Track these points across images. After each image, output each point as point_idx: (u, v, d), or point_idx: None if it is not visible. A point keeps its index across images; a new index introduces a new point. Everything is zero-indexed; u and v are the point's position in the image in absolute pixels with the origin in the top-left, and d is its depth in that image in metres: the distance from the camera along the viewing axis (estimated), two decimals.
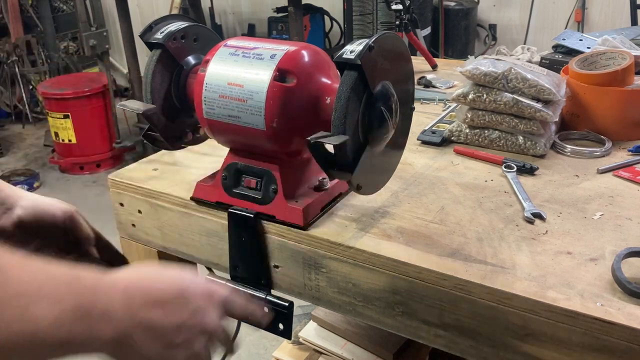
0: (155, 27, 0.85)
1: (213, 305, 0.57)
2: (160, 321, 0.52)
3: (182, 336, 0.53)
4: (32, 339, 0.44)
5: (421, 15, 3.52)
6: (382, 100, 0.69)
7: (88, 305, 0.48)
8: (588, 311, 0.59)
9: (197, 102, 0.79)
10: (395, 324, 0.73)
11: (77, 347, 0.48)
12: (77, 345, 0.47)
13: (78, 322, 0.47)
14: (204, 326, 0.55)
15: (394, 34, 0.73)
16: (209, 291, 0.56)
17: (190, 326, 0.54)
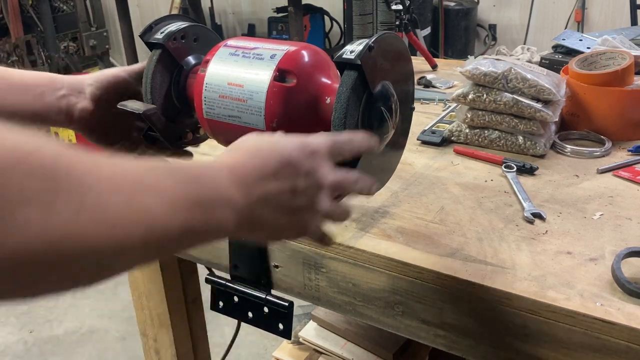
0: (155, 27, 0.85)
1: (321, 161, 0.55)
2: (277, 191, 0.51)
3: (302, 199, 0.53)
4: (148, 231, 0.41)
5: (421, 15, 3.52)
6: (382, 100, 0.69)
7: (198, 193, 0.46)
8: (588, 311, 0.59)
9: (197, 102, 0.79)
10: (395, 324, 0.74)
11: (199, 235, 0.46)
12: (199, 234, 0.46)
13: (193, 209, 0.45)
14: (319, 183, 0.54)
15: (394, 34, 0.73)
16: (311, 149, 0.55)
17: (307, 187, 0.53)
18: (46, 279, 0.37)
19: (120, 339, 2.22)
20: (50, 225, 0.35)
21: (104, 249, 0.38)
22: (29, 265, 0.35)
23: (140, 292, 1.07)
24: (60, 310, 2.38)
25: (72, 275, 0.39)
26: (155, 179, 0.43)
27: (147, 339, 1.13)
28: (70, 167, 0.38)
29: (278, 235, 0.55)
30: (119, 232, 0.39)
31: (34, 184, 0.35)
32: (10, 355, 2.15)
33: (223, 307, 0.86)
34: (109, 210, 0.39)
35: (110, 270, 0.41)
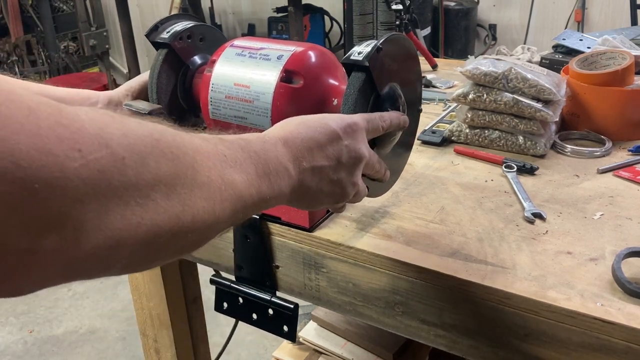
0: (161, 26, 0.85)
1: (360, 136, 0.61)
2: (322, 162, 0.57)
3: (344, 170, 0.59)
4: (236, 202, 0.47)
5: (421, 15, 3.52)
6: (389, 102, 0.69)
7: (264, 165, 0.51)
8: (588, 311, 0.59)
9: (203, 103, 0.79)
10: (395, 324, 0.74)
11: (266, 203, 0.51)
12: (267, 201, 0.51)
13: (262, 179, 0.50)
14: (357, 157, 0.60)
15: (402, 35, 0.72)
16: (352, 125, 0.60)
17: (348, 160, 0.59)
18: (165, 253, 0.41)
19: (120, 339, 2.22)
20: (174, 202, 0.39)
21: (208, 220, 0.43)
22: (157, 242, 0.39)
23: (141, 292, 1.07)
24: (60, 310, 2.37)
25: (182, 246, 0.43)
26: (235, 153, 0.48)
27: (147, 339, 1.13)
28: (187, 147, 0.42)
29: (319, 203, 0.60)
30: (218, 207, 0.44)
31: (165, 167, 0.39)
32: (10, 355, 2.15)
33: (227, 308, 0.86)
34: (211, 187, 0.43)
35: (207, 239, 0.46)
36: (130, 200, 0.36)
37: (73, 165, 0.32)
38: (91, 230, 0.34)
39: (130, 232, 0.36)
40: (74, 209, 0.33)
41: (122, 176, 0.35)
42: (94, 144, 0.34)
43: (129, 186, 0.36)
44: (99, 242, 0.35)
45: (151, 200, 0.38)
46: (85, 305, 2.40)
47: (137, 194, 0.37)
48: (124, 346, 2.18)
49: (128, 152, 0.36)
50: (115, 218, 0.35)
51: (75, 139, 0.33)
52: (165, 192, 0.39)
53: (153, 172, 0.38)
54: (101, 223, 0.34)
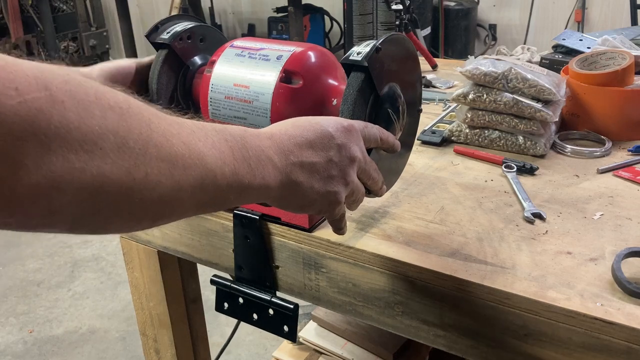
0: (161, 27, 0.85)
1: (354, 138, 0.60)
2: (312, 159, 0.56)
3: (336, 168, 0.57)
4: (203, 174, 0.45)
5: (421, 15, 3.52)
6: (389, 102, 0.69)
7: (242, 149, 0.49)
8: (588, 311, 0.59)
9: (202, 103, 0.79)
10: (395, 324, 0.74)
11: (247, 190, 0.50)
12: (247, 188, 0.49)
13: (239, 162, 0.49)
14: (351, 156, 0.59)
15: (402, 35, 0.72)
16: (347, 127, 0.60)
17: (340, 159, 0.58)
18: (117, 211, 0.40)
19: (120, 339, 2.22)
20: (124, 155, 0.39)
21: (165, 184, 0.42)
22: (105, 194, 0.39)
23: (140, 292, 1.07)
24: (60, 310, 2.37)
25: (138, 209, 0.42)
26: (206, 132, 0.47)
27: (147, 339, 1.13)
28: (140, 109, 0.42)
29: (312, 203, 0.58)
30: (179, 172, 0.43)
31: (112, 118, 0.39)
32: (10, 355, 2.15)
33: (228, 308, 0.86)
34: (171, 150, 0.43)
35: (170, 210, 0.45)
36: (75, 144, 0.36)
37: (9, 103, 0.33)
38: (32, 167, 0.35)
39: (73, 176, 0.37)
40: (13, 146, 0.34)
41: (63, 118, 0.36)
42: (31, 84, 0.35)
43: (71, 129, 0.36)
44: (39, 180, 0.35)
45: (99, 148, 0.38)
46: (85, 305, 2.40)
47: (82, 139, 0.37)
48: (124, 346, 2.18)
49: (68, 97, 0.37)
50: (57, 159, 0.36)
51: (11, 79, 0.34)
52: (115, 143, 0.39)
53: (98, 121, 0.38)
54: (42, 162, 0.35)
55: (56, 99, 0.36)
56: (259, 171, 0.50)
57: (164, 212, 0.45)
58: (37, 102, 0.35)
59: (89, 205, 0.39)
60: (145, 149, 0.41)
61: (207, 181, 0.46)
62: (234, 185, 0.48)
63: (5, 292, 2.51)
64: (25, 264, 2.70)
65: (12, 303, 2.43)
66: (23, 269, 2.66)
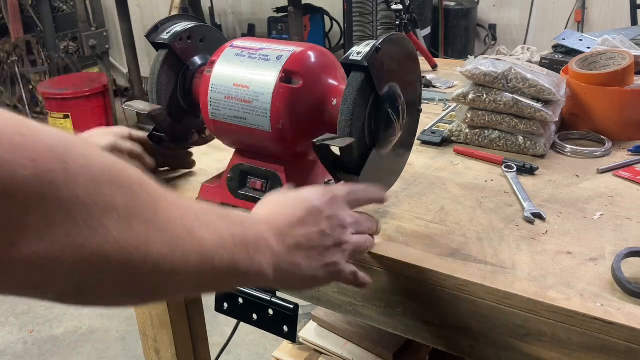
0: (161, 27, 0.85)
1: (340, 205, 0.62)
2: (306, 236, 0.58)
3: (329, 239, 0.60)
4: (202, 259, 0.46)
5: (421, 15, 3.52)
6: (389, 102, 0.69)
7: (242, 235, 0.51)
8: (588, 311, 0.59)
9: (202, 103, 0.79)
10: (395, 324, 0.73)
11: (243, 275, 0.51)
12: (243, 274, 0.51)
13: (238, 248, 0.50)
14: (341, 224, 0.61)
15: (401, 35, 0.72)
16: (331, 196, 0.62)
17: (332, 229, 0.60)
18: (111, 287, 0.41)
19: (120, 339, 2.22)
20: (126, 235, 0.40)
21: (163, 266, 0.43)
22: (102, 270, 0.39)
23: None
24: (60, 310, 2.37)
25: (133, 286, 0.43)
26: (209, 217, 0.49)
27: (147, 339, 1.13)
28: (149, 191, 0.43)
29: (313, 280, 0.60)
30: (178, 256, 0.44)
31: (120, 198, 0.40)
32: (10, 355, 2.15)
33: (228, 308, 0.86)
34: (174, 234, 0.44)
35: (164, 290, 0.46)
36: (79, 220, 0.37)
37: (24, 174, 0.34)
38: (33, 237, 0.35)
39: (73, 251, 0.37)
40: (18, 214, 0.34)
41: (72, 194, 0.36)
42: (50, 157, 0.36)
43: (78, 204, 0.37)
44: (38, 251, 0.35)
45: (102, 226, 0.38)
46: None
47: (87, 216, 0.37)
48: (124, 346, 2.18)
49: (82, 172, 0.37)
50: (59, 232, 0.36)
51: (30, 149, 0.35)
52: (119, 223, 0.39)
53: (106, 199, 0.39)
54: (44, 233, 0.35)
55: (70, 173, 0.37)
56: (257, 258, 0.52)
57: (160, 292, 0.46)
58: (51, 174, 0.35)
59: (83, 279, 0.39)
60: (148, 233, 0.41)
61: (205, 267, 0.47)
62: (232, 271, 0.50)
63: None
64: None
65: (12, 303, 2.43)
66: None
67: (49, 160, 0.36)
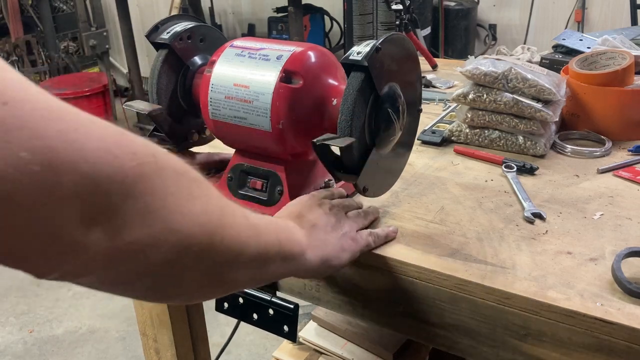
0: (161, 27, 0.85)
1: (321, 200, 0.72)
2: (315, 218, 0.67)
3: (332, 216, 0.69)
4: (257, 242, 0.54)
5: (421, 15, 3.52)
6: (389, 102, 0.69)
7: (274, 221, 0.62)
8: (588, 311, 0.59)
9: (203, 103, 0.79)
10: (395, 324, 0.74)
11: (289, 256, 0.60)
12: (289, 254, 0.59)
13: (280, 230, 0.59)
14: (330, 205, 0.71)
15: (401, 35, 0.72)
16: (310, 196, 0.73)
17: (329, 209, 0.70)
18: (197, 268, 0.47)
19: (120, 339, 2.22)
20: (207, 219, 0.46)
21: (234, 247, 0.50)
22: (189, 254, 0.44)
23: None
24: (60, 310, 2.38)
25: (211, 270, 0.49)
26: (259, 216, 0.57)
27: (147, 339, 1.13)
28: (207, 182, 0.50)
29: (342, 250, 0.67)
30: (243, 238, 0.51)
31: (197, 188, 0.46)
32: (10, 355, 2.15)
33: (228, 308, 0.86)
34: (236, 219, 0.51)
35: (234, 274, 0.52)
36: (172, 207, 0.42)
37: (130, 165, 0.39)
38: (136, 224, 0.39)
39: (169, 235, 0.42)
40: (124, 203, 0.38)
41: (162, 182, 0.42)
42: (145, 151, 0.41)
43: (168, 193, 0.42)
44: (138, 237, 0.40)
45: (189, 212, 0.44)
46: (85, 305, 2.40)
47: (177, 203, 0.43)
48: (124, 346, 2.18)
49: (167, 165, 0.43)
50: (157, 218, 0.41)
51: (130, 145, 0.40)
52: (200, 209, 0.45)
53: (187, 189, 0.44)
54: (144, 220, 0.40)
55: (159, 165, 0.42)
56: (295, 239, 0.61)
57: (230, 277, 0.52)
58: (148, 166, 0.40)
59: (176, 264, 0.44)
60: (220, 218, 0.48)
61: (260, 249, 0.54)
62: (280, 253, 0.58)
63: (5, 292, 2.51)
64: None
65: (12, 303, 2.43)
66: None
67: (145, 154, 0.40)
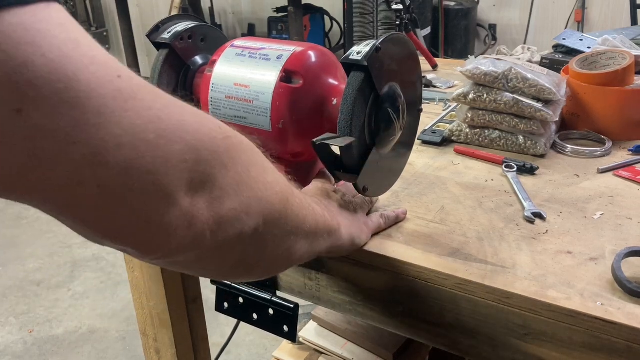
0: (162, 27, 0.85)
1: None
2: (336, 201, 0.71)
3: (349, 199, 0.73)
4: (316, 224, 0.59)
5: (421, 15, 3.52)
6: (389, 101, 0.69)
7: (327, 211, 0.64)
8: (588, 310, 0.59)
9: (203, 103, 0.79)
10: (395, 324, 0.74)
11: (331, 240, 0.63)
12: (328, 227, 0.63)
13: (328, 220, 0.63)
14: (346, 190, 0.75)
15: (402, 35, 0.72)
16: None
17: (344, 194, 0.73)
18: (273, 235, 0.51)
19: (120, 339, 2.22)
20: (280, 188, 0.51)
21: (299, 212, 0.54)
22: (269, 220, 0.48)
23: (141, 292, 1.07)
24: (60, 310, 2.38)
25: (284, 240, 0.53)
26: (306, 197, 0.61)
27: (148, 339, 1.13)
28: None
29: (361, 232, 0.71)
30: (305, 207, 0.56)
31: (265, 161, 0.50)
32: (10, 355, 2.15)
33: (228, 308, 0.86)
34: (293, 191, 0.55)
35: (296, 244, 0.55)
36: (255, 177, 0.46)
37: (220, 137, 0.43)
38: (231, 193, 0.43)
39: (258, 203, 0.46)
40: (220, 173, 0.42)
41: (245, 155, 0.45)
42: (226, 127, 0.45)
43: (251, 163, 0.46)
44: (234, 206, 0.43)
45: (267, 182, 0.48)
46: (85, 305, 2.40)
47: (258, 173, 0.47)
48: (124, 346, 2.18)
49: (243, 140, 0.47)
50: (247, 189, 0.44)
51: (214, 120, 0.44)
52: (274, 179, 0.50)
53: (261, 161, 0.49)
54: (238, 190, 0.43)
55: (239, 139, 0.46)
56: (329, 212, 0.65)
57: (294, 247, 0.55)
58: (230, 139, 0.44)
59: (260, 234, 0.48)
60: (286, 187, 0.53)
61: (311, 219, 0.57)
62: (325, 226, 0.61)
63: (5, 292, 2.51)
64: (25, 264, 2.70)
65: (12, 303, 2.43)
66: (23, 269, 2.66)
67: (227, 129, 0.44)
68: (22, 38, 0.30)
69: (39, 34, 0.31)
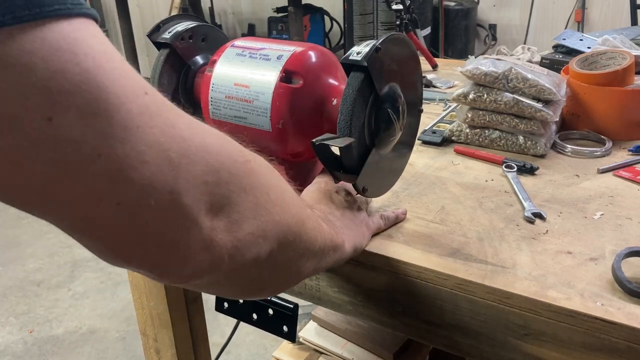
0: (163, 26, 0.85)
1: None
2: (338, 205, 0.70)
3: (351, 202, 0.72)
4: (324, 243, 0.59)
5: (421, 15, 3.52)
6: (389, 102, 0.69)
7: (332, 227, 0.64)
8: (588, 311, 0.59)
9: (203, 103, 0.79)
10: (395, 324, 0.74)
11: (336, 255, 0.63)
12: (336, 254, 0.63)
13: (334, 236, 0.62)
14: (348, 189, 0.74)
15: (402, 35, 0.72)
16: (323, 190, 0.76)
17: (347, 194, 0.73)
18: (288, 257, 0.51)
19: (120, 339, 2.22)
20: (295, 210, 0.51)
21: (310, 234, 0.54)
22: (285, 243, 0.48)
23: (141, 292, 1.07)
24: (60, 310, 2.38)
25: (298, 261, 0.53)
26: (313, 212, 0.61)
27: (148, 339, 1.13)
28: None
29: (362, 238, 0.70)
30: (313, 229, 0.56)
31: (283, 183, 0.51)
32: (10, 355, 2.15)
33: (228, 308, 0.86)
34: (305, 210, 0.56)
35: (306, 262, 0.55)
36: (274, 200, 0.46)
37: (240, 160, 0.43)
38: (249, 216, 0.43)
39: (274, 226, 0.46)
40: (239, 197, 0.42)
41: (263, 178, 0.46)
42: (248, 152, 0.46)
43: (269, 187, 0.46)
44: (252, 229, 0.43)
45: (285, 204, 0.49)
46: (85, 305, 2.40)
47: (276, 197, 0.47)
48: (124, 346, 2.18)
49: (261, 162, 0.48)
50: (264, 211, 0.44)
51: (235, 143, 0.45)
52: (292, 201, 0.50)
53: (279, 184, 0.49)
54: (255, 213, 0.43)
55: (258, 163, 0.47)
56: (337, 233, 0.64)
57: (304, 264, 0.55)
58: (253, 163, 0.45)
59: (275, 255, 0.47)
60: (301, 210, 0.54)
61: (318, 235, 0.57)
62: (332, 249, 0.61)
63: (5, 292, 2.51)
64: (25, 264, 2.70)
65: (12, 303, 2.43)
66: (23, 269, 2.66)
67: (247, 152, 0.45)
68: (60, 45, 0.30)
69: (76, 42, 0.31)
